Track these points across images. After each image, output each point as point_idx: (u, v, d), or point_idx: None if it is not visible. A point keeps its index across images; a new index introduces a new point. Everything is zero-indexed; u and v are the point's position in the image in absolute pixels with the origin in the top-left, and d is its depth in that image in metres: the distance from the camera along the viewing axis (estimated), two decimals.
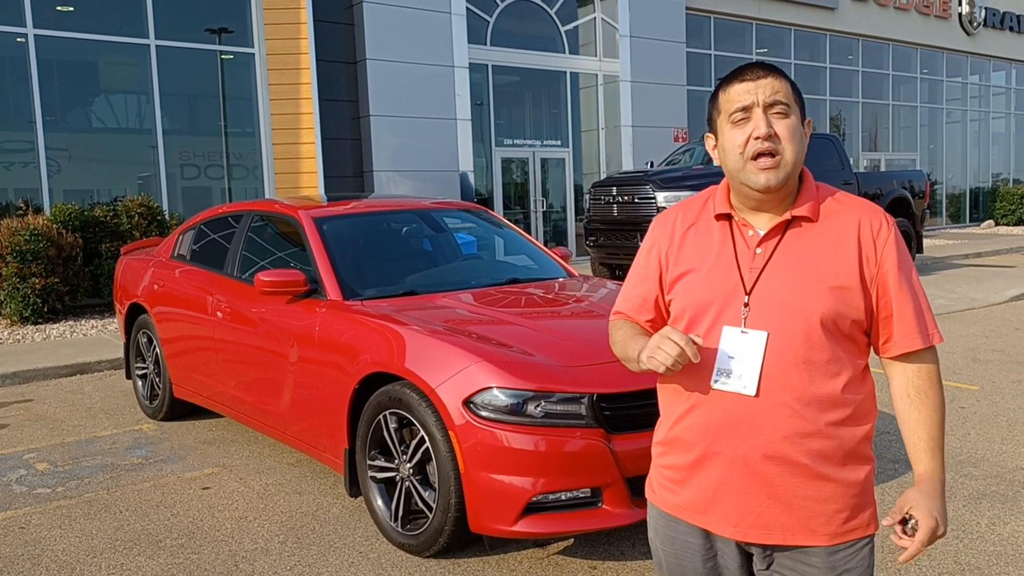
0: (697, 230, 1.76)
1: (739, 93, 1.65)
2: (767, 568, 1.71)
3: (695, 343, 1.58)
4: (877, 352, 1.72)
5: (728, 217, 1.74)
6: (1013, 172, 27.59)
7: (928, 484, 1.64)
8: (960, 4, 23.78)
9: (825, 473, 1.63)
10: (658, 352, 1.58)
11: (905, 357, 1.68)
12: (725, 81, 1.69)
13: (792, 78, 1.70)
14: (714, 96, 1.73)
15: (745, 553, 1.73)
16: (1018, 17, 25.80)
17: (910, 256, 1.71)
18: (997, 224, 24.56)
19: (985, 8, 24.47)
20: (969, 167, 25.99)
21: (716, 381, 1.65)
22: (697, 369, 1.67)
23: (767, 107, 1.63)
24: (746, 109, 1.64)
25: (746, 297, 1.65)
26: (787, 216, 1.68)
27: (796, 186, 1.70)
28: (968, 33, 24.20)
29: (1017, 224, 24.23)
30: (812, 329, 1.61)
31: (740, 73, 1.67)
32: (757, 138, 1.62)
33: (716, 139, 1.73)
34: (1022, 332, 8.20)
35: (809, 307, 1.61)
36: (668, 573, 1.83)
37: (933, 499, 1.61)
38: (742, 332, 1.64)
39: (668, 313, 1.81)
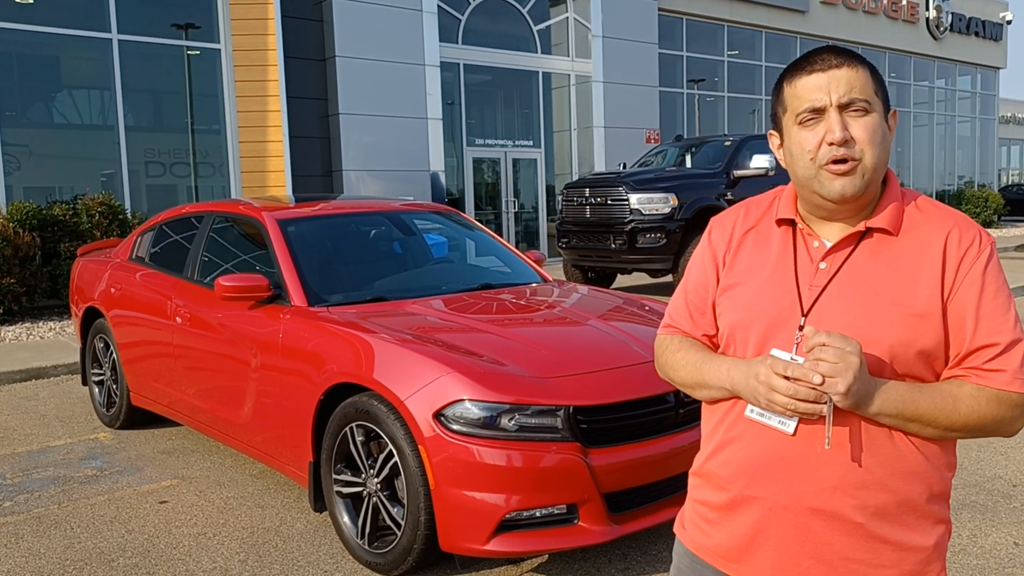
0: (757, 235, 1.52)
1: (809, 89, 1.38)
2: None
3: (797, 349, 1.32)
4: None
5: (791, 223, 1.48)
6: (978, 175, 28.01)
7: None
8: (928, 9, 24.07)
9: (882, 534, 1.36)
10: (772, 395, 1.32)
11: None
12: (791, 71, 1.42)
13: (872, 64, 1.42)
14: (778, 88, 1.45)
15: None
16: (983, 23, 26.17)
17: (1005, 284, 1.38)
18: None
19: (952, 13, 24.79)
20: (935, 170, 26.32)
21: (752, 411, 1.40)
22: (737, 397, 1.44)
23: (842, 107, 1.36)
24: (817, 111, 1.38)
25: (803, 319, 1.39)
26: (861, 227, 1.41)
27: (877, 193, 1.44)
28: (935, 38, 24.50)
29: (982, 227, 24.55)
30: (879, 363, 1.35)
31: (809, 61, 1.40)
32: (831, 144, 1.36)
33: (781, 139, 1.47)
34: None
35: (878, 336, 1.34)
36: None
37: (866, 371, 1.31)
38: (792, 359, 1.35)
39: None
